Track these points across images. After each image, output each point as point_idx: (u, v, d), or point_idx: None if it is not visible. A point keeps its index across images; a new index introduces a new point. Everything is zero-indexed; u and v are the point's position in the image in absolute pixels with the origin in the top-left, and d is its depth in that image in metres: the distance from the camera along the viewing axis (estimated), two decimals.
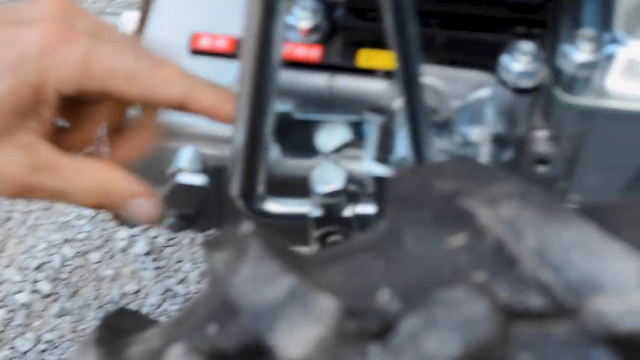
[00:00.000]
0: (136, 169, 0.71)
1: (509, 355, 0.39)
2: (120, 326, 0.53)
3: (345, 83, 0.66)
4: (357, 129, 0.66)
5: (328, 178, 0.64)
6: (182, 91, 0.57)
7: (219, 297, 0.46)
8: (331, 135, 0.66)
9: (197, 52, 0.66)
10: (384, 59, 0.65)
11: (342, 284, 0.44)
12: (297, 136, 0.67)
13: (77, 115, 0.61)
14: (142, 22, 0.75)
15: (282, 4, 0.51)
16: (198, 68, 0.60)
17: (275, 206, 0.66)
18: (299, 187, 0.67)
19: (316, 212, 0.66)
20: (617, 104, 0.64)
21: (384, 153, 0.65)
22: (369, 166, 0.64)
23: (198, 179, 0.66)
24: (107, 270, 1.27)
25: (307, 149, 0.68)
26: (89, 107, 0.60)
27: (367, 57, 0.65)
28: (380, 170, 0.64)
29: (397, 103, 0.65)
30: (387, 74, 0.65)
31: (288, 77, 0.65)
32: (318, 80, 0.66)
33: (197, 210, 0.70)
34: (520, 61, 0.61)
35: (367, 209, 0.66)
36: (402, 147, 0.64)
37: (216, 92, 0.59)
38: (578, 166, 0.69)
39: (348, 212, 0.66)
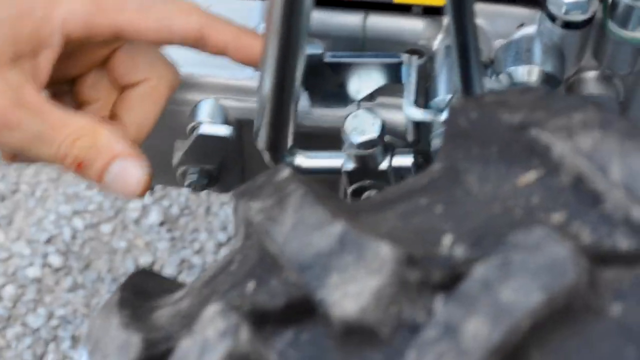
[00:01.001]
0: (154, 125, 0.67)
1: (597, 305, 0.34)
2: (143, 288, 0.49)
3: (380, 22, 0.62)
4: (394, 72, 0.61)
5: (362, 127, 0.59)
6: (199, 22, 0.54)
7: (257, 250, 0.42)
8: (365, 79, 0.61)
9: None
10: None
11: (399, 230, 0.39)
12: (328, 82, 0.62)
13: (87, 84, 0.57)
14: None
15: None
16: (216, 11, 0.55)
17: (305, 160, 0.62)
18: (329, 139, 0.63)
19: (349, 164, 0.61)
20: None
21: (423, 97, 0.60)
22: (408, 111, 0.59)
23: (222, 130, 0.62)
24: (119, 242, 1.23)
25: (339, 97, 0.63)
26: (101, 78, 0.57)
27: None
28: (420, 115, 0.59)
29: (437, 42, 0.61)
30: (425, 11, 0.60)
31: (317, 17, 0.60)
32: (350, 20, 0.62)
33: (220, 165, 0.66)
34: None
35: (405, 160, 0.62)
36: (443, 89, 0.59)
37: (236, 27, 0.55)
38: (632, 108, 0.65)
39: (384, 164, 0.61)
